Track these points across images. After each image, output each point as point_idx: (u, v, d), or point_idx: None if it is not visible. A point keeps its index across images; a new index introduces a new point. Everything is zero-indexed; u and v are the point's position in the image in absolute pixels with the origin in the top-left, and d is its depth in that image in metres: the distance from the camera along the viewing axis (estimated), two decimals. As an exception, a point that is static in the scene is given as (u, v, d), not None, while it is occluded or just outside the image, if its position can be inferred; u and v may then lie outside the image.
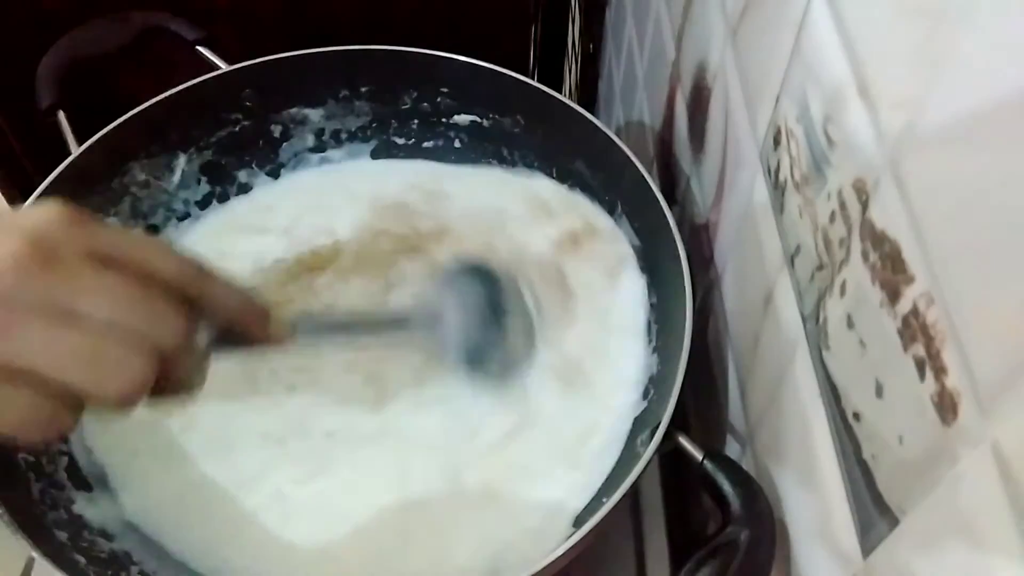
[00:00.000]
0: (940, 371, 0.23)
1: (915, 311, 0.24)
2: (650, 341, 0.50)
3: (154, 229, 0.56)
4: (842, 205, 0.30)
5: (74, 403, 0.27)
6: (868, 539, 0.28)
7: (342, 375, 0.49)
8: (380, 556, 0.44)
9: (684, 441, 0.40)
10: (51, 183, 0.49)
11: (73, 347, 0.26)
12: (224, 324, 0.32)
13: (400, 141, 0.62)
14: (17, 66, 0.58)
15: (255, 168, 0.60)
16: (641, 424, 0.46)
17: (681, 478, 0.53)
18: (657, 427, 0.39)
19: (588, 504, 0.44)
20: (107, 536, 0.43)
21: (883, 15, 0.26)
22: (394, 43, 0.58)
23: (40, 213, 0.27)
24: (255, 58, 0.57)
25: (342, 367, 0.49)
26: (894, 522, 0.26)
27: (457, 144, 0.62)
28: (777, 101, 0.36)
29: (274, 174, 0.61)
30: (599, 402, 0.48)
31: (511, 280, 0.49)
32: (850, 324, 0.29)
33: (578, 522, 0.43)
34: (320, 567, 0.43)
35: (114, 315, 0.27)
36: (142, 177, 0.55)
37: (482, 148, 0.61)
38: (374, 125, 0.62)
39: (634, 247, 0.54)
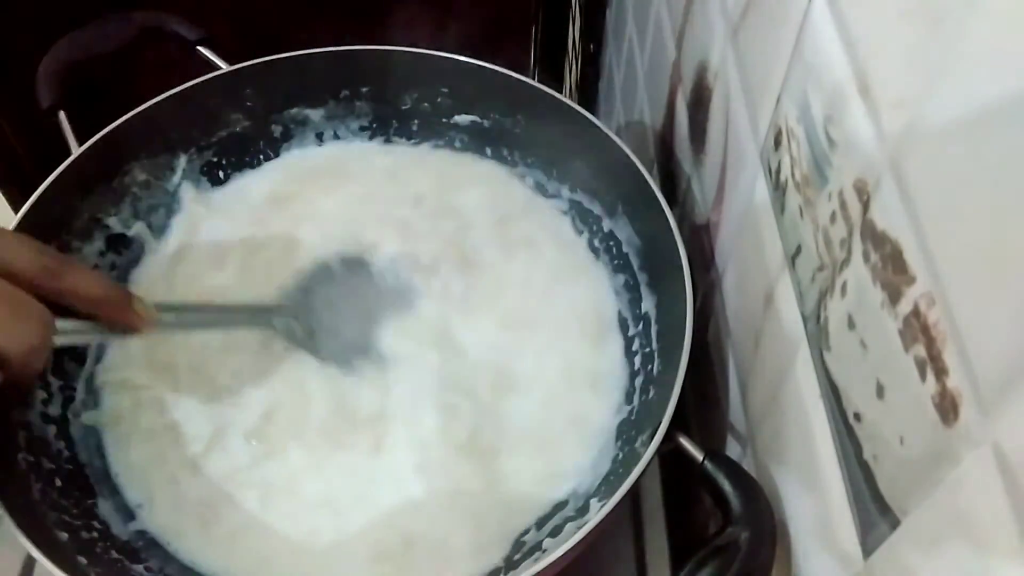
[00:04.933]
0: (941, 372, 0.23)
1: (916, 312, 0.24)
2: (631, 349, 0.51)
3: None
4: (843, 205, 0.30)
5: None
6: (869, 540, 0.28)
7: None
8: (385, 556, 0.44)
9: (684, 441, 0.40)
10: (51, 183, 0.49)
11: None
12: (87, 312, 0.35)
13: (400, 141, 0.62)
14: (17, 66, 0.58)
15: (256, 169, 0.60)
16: (637, 426, 0.46)
17: (681, 478, 0.53)
18: (657, 427, 0.39)
19: (588, 504, 0.44)
20: (109, 537, 0.43)
21: (884, 15, 0.26)
22: (394, 43, 0.58)
23: None
24: (255, 58, 0.57)
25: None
26: (895, 523, 0.26)
27: (457, 144, 0.62)
28: (778, 101, 0.36)
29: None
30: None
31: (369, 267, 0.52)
32: (851, 325, 0.29)
33: (579, 520, 0.43)
34: (331, 567, 0.43)
35: None
36: (142, 177, 0.55)
37: (482, 148, 0.61)
38: (374, 125, 0.62)
39: (634, 247, 0.54)
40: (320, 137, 0.61)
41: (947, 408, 0.23)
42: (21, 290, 0.32)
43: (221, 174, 0.59)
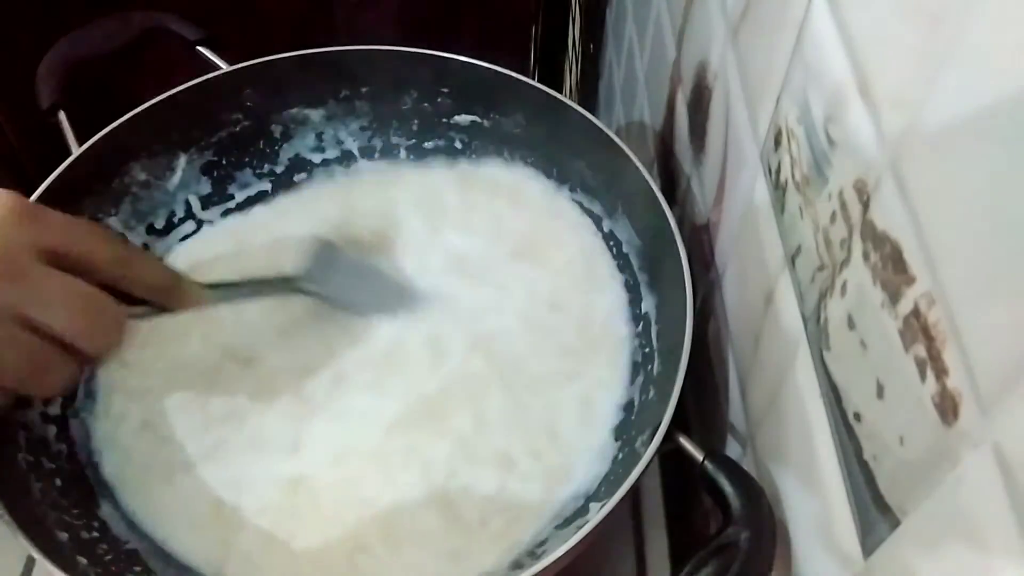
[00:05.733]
0: (941, 372, 0.23)
1: (916, 312, 0.24)
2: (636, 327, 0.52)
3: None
4: (843, 205, 0.30)
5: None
6: (869, 540, 0.28)
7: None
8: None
9: (684, 441, 0.40)
10: (51, 183, 0.49)
11: (21, 353, 0.32)
12: (147, 295, 0.38)
13: (400, 141, 0.62)
14: (17, 66, 0.58)
15: (256, 168, 0.60)
16: (637, 426, 0.46)
17: (681, 478, 0.53)
18: (657, 427, 0.39)
19: (588, 504, 0.44)
20: (109, 537, 0.43)
21: (884, 15, 0.26)
22: (394, 43, 0.58)
23: None
24: (255, 58, 0.57)
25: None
26: (895, 523, 0.26)
27: (457, 144, 0.62)
28: (778, 101, 0.36)
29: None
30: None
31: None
32: (851, 325, 0.29)
33: (579, 520, 0.43)
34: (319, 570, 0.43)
35: (63, 322, 0.33)
36: (142, 177, 0.55)
37: (482, 148, 0.61)
38: (374, 125, 0.62)
39: (634, 247, 0.54)
40: (320, 137, 0.61)
41: (947, 408, 0.23)
42: (97, 290, 0.34)
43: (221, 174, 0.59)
